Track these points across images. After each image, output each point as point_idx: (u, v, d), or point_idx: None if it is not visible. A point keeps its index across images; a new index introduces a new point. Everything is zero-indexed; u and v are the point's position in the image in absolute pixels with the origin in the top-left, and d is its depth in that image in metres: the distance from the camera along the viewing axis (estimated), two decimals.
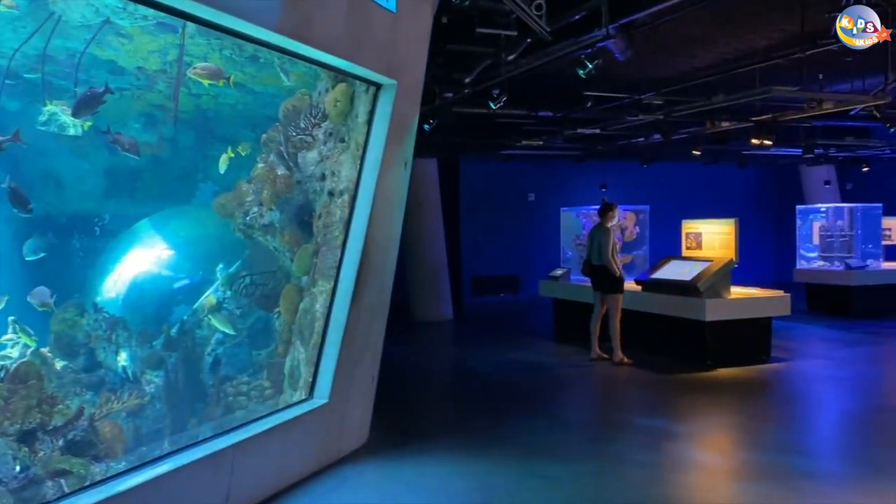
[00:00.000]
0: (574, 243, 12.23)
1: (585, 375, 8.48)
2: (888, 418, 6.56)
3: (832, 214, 14.09)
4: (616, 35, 6.28)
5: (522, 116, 11.17)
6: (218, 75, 4.34)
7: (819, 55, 7.98)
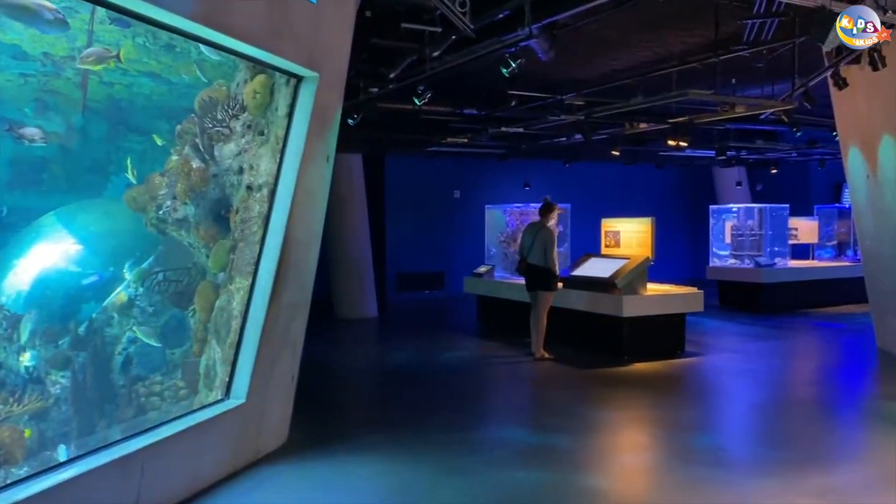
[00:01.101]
0: (498, 240, 12.35)
1: (507, 372, 8.58)
2: (795, 410, 6.88)
3: (743, 214, 14.69)
4: (539, 35, 6.36)
5: (448, 113, 11.20)
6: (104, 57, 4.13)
7: (732, 60, 8.30)
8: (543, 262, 8.69)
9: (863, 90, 8.52)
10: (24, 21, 3.73)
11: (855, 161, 9.53)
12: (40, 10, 3.59)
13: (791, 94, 8.84)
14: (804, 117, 11.19)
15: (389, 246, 14.61)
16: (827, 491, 4.53)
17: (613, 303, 8.71)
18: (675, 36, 8.30)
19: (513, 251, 11.67)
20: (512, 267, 11.06)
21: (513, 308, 10.44)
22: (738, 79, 9.69)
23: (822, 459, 5.23)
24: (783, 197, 16.42)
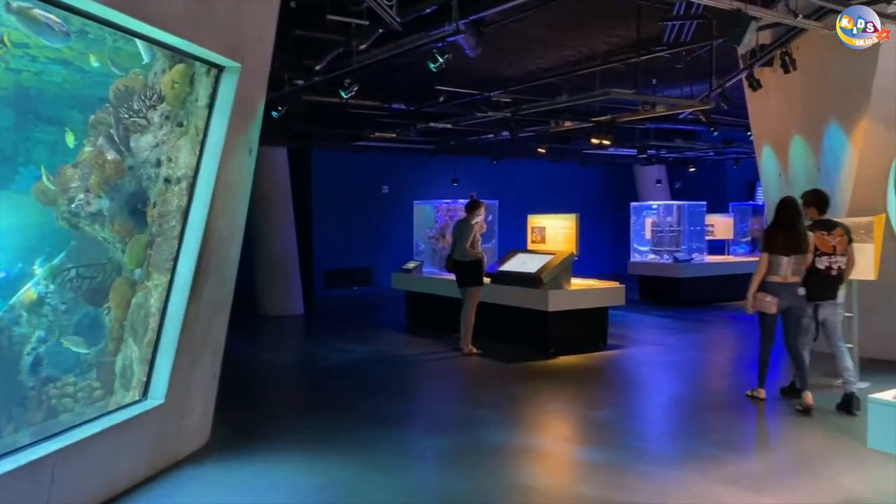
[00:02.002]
0: (427, 236, 12.35)
1: (435, 368, 8.59)
2: (711, 399, 7.13)
3: (662, 211, 15.15)
4: (466, 31, 6.38)
5: (375, 108, 11.14)
6: None
7: (653, 61, 8.54)
8: (468, 257, 8.75)
9: (775, 92, 8.90)
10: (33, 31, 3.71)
11: (768, 160, 9.94)
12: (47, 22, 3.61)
13: (708, 94, 9.17)
14: (721, 117, 11.63)
15: (316, 241, 14.42)
16: (741, 477, 4.71)
17: (539, 297, 8.84)
18: (598, 36, 8.48)
19: (441, 247, 11.70)
20: (441, 263, 11.08)
21: (442, 304, 10.46)
22: (659, 79, 9.98)
23: (737, 447, 5.43)
24: (700, 194, 17.04)
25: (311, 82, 8.42)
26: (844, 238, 6.37)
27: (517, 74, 10.08)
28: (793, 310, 6.30)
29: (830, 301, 6.34)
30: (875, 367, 7.40)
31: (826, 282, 6.33)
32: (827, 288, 6.33)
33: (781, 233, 6.21)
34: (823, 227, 6.42)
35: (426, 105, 10.89)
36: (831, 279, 6.33)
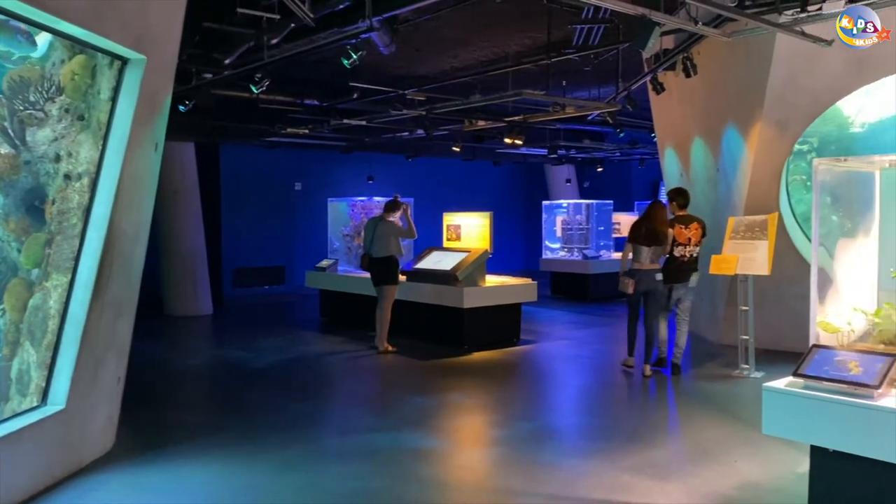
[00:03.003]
0: (342, 234, 12.25)
1: (351, 366, 8.54)
2: (618, 392, 7.38)
3: (572, 210, 15.55)
4: (380, 28, 6.36)
5: (288, 103, 10.95)
6: None
7: (563, 63, 8.75)
8: (385, 254, 8.74)
9: (677, 95, 9.28)
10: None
11: (670, 161, 10.37)
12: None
13: (615, 96, 9.47)
14: (627, 119, 12.03)
15: (225, 239, 14.07)
16: (646, 466, 4.90)
17: (455, 295, 8.93)
18: (510, 37, 8.61)
19: (357, 245, 11.63)
20: (356, 261, 11.02)
21: (357, 302, 10.41)
22: (569, 81, 10.23)
23: (642, 437, 5.65)
24: (608, 193, 17.59)
25: (220, 76, 8.20)
26: (699, 231, 7.50)
27: (432, 73, 10.13)
28: (651, 292, 7.40)
29: (682, 283, 7.50)
30: (769, 357, 7.83)
31: (680, 267, 7.44)
32: (680, 272, 7.45)
33: (643, 227, 7.39)
34: (683, 221, 7.54)
35: (340, 101, 10.80)
36: (684, 265, 7.44)
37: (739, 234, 7.53)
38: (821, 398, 3.46)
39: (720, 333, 9.04)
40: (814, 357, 3.66)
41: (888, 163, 4.05)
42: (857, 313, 3.89)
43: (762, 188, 8.17)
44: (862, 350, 3.66)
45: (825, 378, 3.50)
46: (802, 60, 7.37)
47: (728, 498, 4.32)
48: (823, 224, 4.15)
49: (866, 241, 4.17)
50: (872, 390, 3.34)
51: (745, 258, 7.35)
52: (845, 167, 4.21)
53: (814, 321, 3.88)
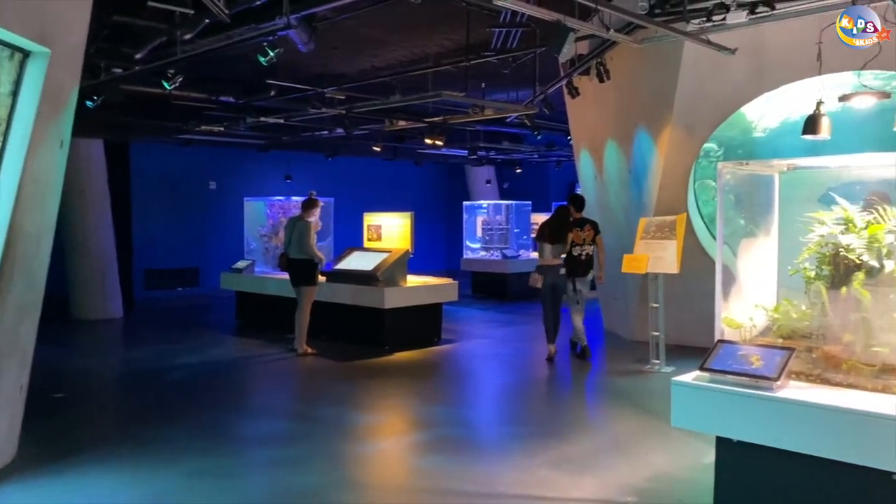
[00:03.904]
0: (259, 234, 12.01)
1: (269, 369, 8.39)
2: (537, 389, 7.53)
3: (492, 210, 15.76)
4: (297, 26, 6.28)
5: (202, 100, 10.67)
6: None
7: (482, 66, 8.86)
8: (303, 255, 8.62)
9: (592, 99, 9.53)
10: None
11: (585, 163, 10.64)
12: None
13: (532, 99, 9.65)
14: (544, 122, 12.27)
15: (137, 240, 13.57)
16: (563, 461, 5.03)
17: (375, 295, 8.90)
18: (430, 38, 8.66)
19: (274, 245, 11.43)
20: (273, 262, 10.83)
21: (275, 304, 10.23)
22: (488, 83, 10.37)
23: (560, 432, 5.78)
24: (527, 194, 17.90)
25: (130, 71, 7.91)
26: (591, 232, 8.36)
27: (351, 72, 10.07)
28: (555, 285, 8.35)
29: (581, 278, 8.35)
30: (679, 352, 8.13)
31: (577, 264, 8.33)
32: (578, 268, 8.34)
33: (549, 228, 8.43)
34: (579, 224, 8.42)
35: (257, 99, 10.59)
36: (581, 262, 8.33)
37: (650, 234, 7.80)
38: (725, 391, 3.64)
39: (633, 330, 9.34)
40: (719, 352, 3.83)
41: (786, 166, 4.28)
42: (759, 310, 4.10)
43: (671, 190, 8.49)
44: (763, 344, 3.85)
45: (729, 371, 3.68)
46: (708, 67, 7.71)
47: (640, 489, 4.48)
48: (728, 224, 4.35)
49: (767, 241, 4.39)
50: (772, 382, 3.53)
51: (655, 257, 7.63)
52: (747, 170, 4.43)
53: (718, 317, 4.06)
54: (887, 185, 3.91)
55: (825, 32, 5.74)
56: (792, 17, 5.87)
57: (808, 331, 3.89)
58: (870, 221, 3.68)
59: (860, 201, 3.80)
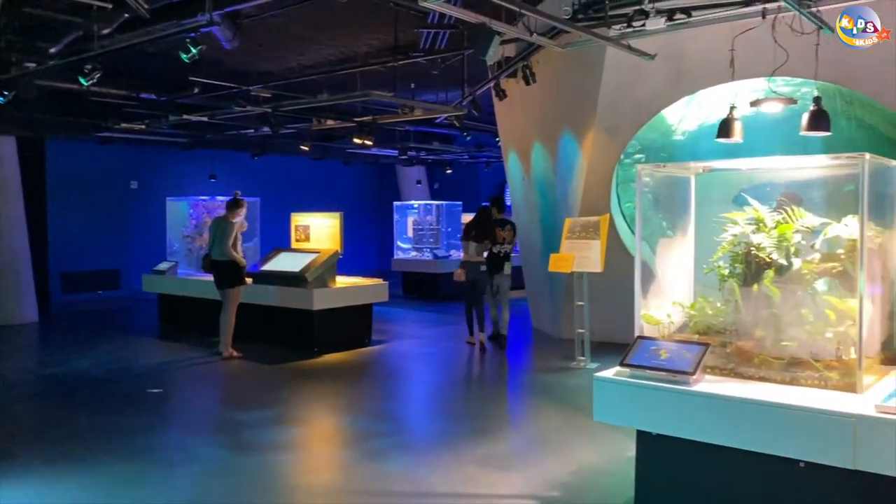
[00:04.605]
0: (182, 235, 11.71)
1: (193, 374, 8.19)
2: (464, 387, 7.61)
3: (423, 210, 15.78)
4: (221, 22, 6.15)
5: (122, 97, 10.34)
6: None
7: (411, 66, 8.87)
8: (228, 257, 8.45)
9: (519, 101, 9.67)
10: None
11: (513, 164, 10.78)
12: None
13: (461, 101, 9.73)
14: (473, 123, 12.37)
15: (52, 241, 13.03)
16: (490, 458, 5.09)
17: (303, 296, 8.80)
18: (358, 37, 8.62)
19: (199, 246, 11.17)
20: (197, 263, 10.58)
21: (200, 306, 10.00)
22: (417, 84, 10.38)
23: (488, 430, 5.85)
24: (457, 195, 18.00)
25: (45, 66, 7.59)
26: (511, 232, 9.18)
27: (278, 70, 9.92)
28: (478, 280, 8.97)
29: (500, 273, 9.03)
30: (604, 349, 8.31)
31: (497, 261, 9.00)
32: (498, 264, 9.03)
33: (473, 227, 9.06)
34: (500, 224, 9.13)
35: (179, 96, 10.32)
36: (500, 259, 9.02)
37: (575, 234, 7.98)
38: (643, 385, 3.75)
39: (560, 328, 9.52)
40: (638, 348, 3.96)
41: (702, 168, 4.45)
42: (676, 307, 4.24)
43: (595, 191, 8.70)
44: (680, 340, 4.00)
45: (647, 367, 3.80)
46: (630, 72, 7.93)
47: (565, 484, 4.58)
48: (647, 224, 4.50)
49: (684, 240, 4.55)
50: (688, 377, 3.66)
51: (580, 256, 7.81)
52: (665, 172, 4.58)
53: (638, 314, 4.19)
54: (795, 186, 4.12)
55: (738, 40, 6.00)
56: (707, 24, 6.09)
57: (723, 327, 4.05)
58: (779, 221, 3.86)
59: (771, 202, 3.99)
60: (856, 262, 3.51)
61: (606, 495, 4.43)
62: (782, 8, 5.43)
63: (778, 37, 5.68)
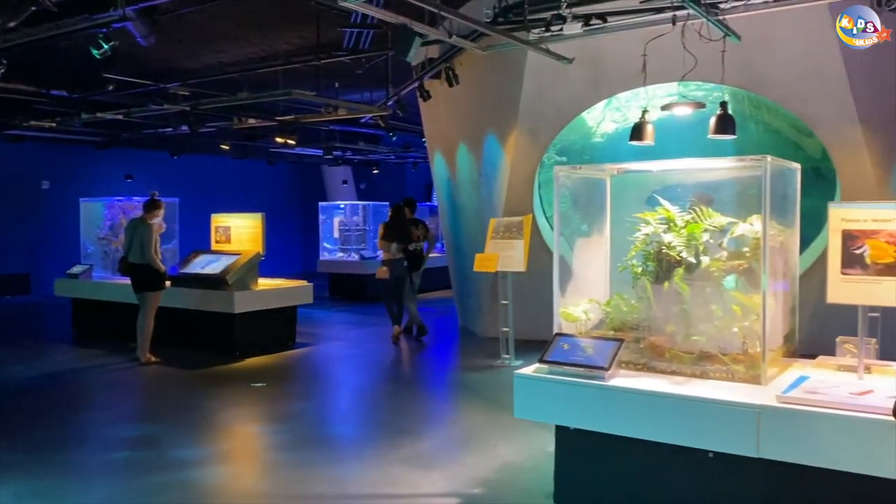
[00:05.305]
0: (97, 237, 11.27)
1: (110, 380, 7.91)
2: (388, 387, 7.60)
3: (349, 211, 15.68)
4: (135, 18, 5.99)
5: (31, 93, 9.89)
6: None
7: (335, 65, 8.82)
8: (145, 260, 8.19)
9: (443, 103, 9.73)
10: None
11: (439, 165, 10.84)
12: None
13: (386, 101, 9.72)
14: (399, 123, 12.38)
15: None
16: (414, 457, 5.11)
17: (225, 299, 8.61)
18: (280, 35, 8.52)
19: (114, 249, 10.78)
20: (113, 266, 10.21)
21: (116, 310, 9.65)
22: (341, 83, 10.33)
23: (412, 430, 5.86)
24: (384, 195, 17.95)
25: None
26: (424, 230, 9.81)
27: (197, 67, 9.71)
28: (398, 277, 9.35)
29: (417, 271, 9.63)
30: (528, 347, 8.42)
31: (414, 258, 9.55)
32: (415, 262, 9.59)
33: (391, 227, 9.39)
34: (413, 223, 9.71)
35: (93, 93, 9.96)
36: (416, 256, 9.59)
37: (499, 234, 8.07)
38: (561, 381, 3.84)
39: (485, 327, 9.61)
40: (556, 344, 4.05)
41: (616, 170, 4.58)
42: (593, 304, 4.36)
43: (518, 192, 8.83)
44: (596, 336, 4.11)
45: (565, 363, 3.89)
46: (550, 75, 8.09)
47: (488, 481, 4.63)
48: (567, 224, 4.60)
49: (601, 239, 4.67)
50: (604, 372, 3.76)
51: (504, 256, 7.91)
52: (581, 174, 4.70)
53: (556, 311, 4.29)
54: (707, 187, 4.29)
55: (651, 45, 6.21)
56: (622, 30, 6.28)
57: (637, 323, 4.18)
58: (689, 221, 4.01)
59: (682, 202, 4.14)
60: (760, 259, 3.69)
61: (528, 491, 4.50)
62: (691, 15, 5.64)
63: (687, 43, 5.90)
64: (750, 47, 6.77)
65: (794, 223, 4.13)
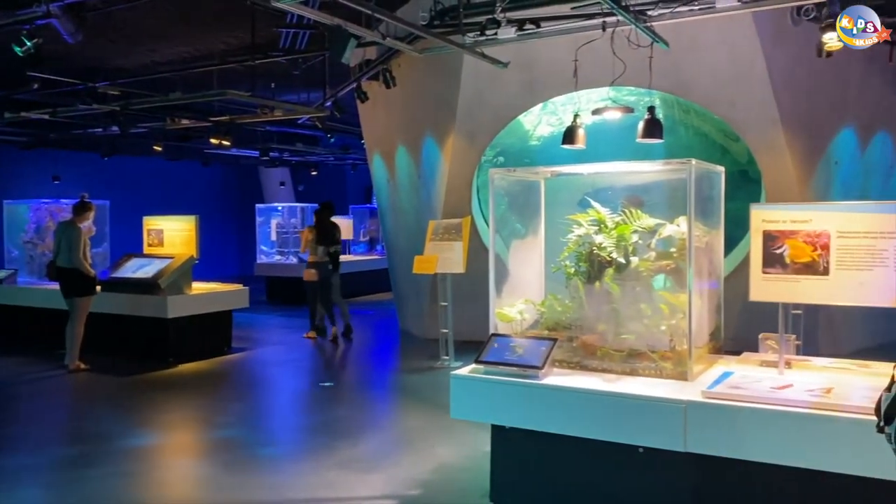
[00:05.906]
0: (22, 241, 10.84)
1: (36, 389, 7.62)
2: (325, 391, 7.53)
3: (287, 213, 15.49)
4: (61, 15, 5.79)
5: None
6: None
7: (271, 66, 8.72)
8: (74, 264, 7.92)
9: (382, 104, 9.72)
10: None
11: (378, 167, 10.81)
12: None
13: (323, 102, 9.65)
14: (337, 125, 12.31)
15: None
16: (351, 461, 5.09)
17: (157, 304, 8.40)
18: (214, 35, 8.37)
19: (40, 253, 10.40)
20: (40, 270, 9.85)
21: (43, 317, 9.30)
22: (277, 84, 10.21)
23: (347, 433, 5.83)
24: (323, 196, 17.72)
25: None
26: (339, 233, 10.08)
27: (128, 66, 9.46)
28: (327, 279, 9.65)
29: (336, 272, 9.87)
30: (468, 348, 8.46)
31: (336, 260, 9.84)
32: (336, 264, 9.84)
33: (317, 230, 9.67)
34: (334, 227, 9.97)
35: (16, 92, 9.59)
36: (336, 258, 9.88)
37: (438, 236, 8.11)
38: (496, 381, 3.89)
39: (426, 328, 9.64)
40: (492, 345, 4.10)
41: (550, 173, 4.67)
42: (528, 304, 4.43)
43: (457, 194, 8.89)
44: (531, 336, 4.17)
45: (500, 363, 3.94)
46: (486, 79, 8.17)
47: (425, 482, 4.65)
48: (504, 226, 4.67)
49: (536, 240, 4.75)
50: (538, 371, 3.83)
51: (443, 258, 7.95)
52: (515, 176, 4.77)
53: (492, 312, 4.34)
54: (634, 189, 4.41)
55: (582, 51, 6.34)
56: (554, 35, 6.38)
57: (570, 322, 4.27)
58: (618, 223, 4.12)
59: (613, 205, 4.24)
60: (686, 259, 3.81)
61: (464, 491, 4.54)
62: (621, 22, 5.78)
63: (618, 49, 6.05)
64: (678, 53, 6.97)
65: (718, 224, 4.27)
